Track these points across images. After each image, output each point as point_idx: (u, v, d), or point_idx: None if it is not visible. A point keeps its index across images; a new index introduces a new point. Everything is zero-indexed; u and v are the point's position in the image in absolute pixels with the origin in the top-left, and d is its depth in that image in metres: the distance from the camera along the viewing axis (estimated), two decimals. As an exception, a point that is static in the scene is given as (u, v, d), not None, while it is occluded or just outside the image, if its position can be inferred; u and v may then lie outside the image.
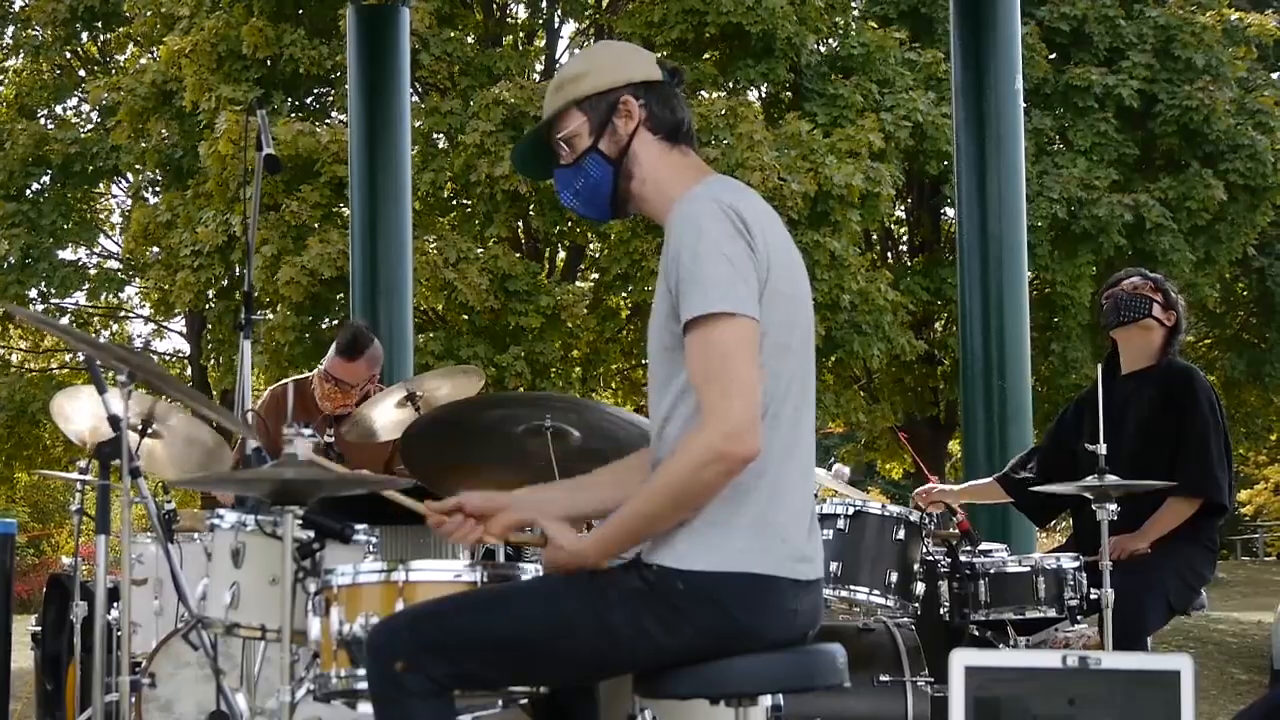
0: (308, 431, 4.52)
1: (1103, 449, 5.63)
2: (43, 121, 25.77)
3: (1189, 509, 6.18)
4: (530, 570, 4.01)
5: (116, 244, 27.62)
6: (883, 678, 5.54)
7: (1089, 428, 6.08)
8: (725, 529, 3.51)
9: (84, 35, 26.19)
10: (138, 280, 26.57)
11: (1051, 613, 5.91)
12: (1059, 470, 6.36)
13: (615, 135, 3.75)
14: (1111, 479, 5.56)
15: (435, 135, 20.52)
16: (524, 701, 4.08)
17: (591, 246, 22.72)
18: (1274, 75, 25.39)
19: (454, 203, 21.32)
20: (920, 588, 5.67)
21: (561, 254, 23.35)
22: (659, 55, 3.86)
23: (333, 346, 7.05)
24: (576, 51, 22.60)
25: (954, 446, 25.22)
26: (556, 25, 24.70)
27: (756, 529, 3.52)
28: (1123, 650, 5.66)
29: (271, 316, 19.35)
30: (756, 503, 3.53)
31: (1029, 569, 5.93)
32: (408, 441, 4.85)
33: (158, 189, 24.16)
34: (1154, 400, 6.36)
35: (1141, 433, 6.26)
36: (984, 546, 6.13)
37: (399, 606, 3.87)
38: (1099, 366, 6.35)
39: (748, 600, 3.51)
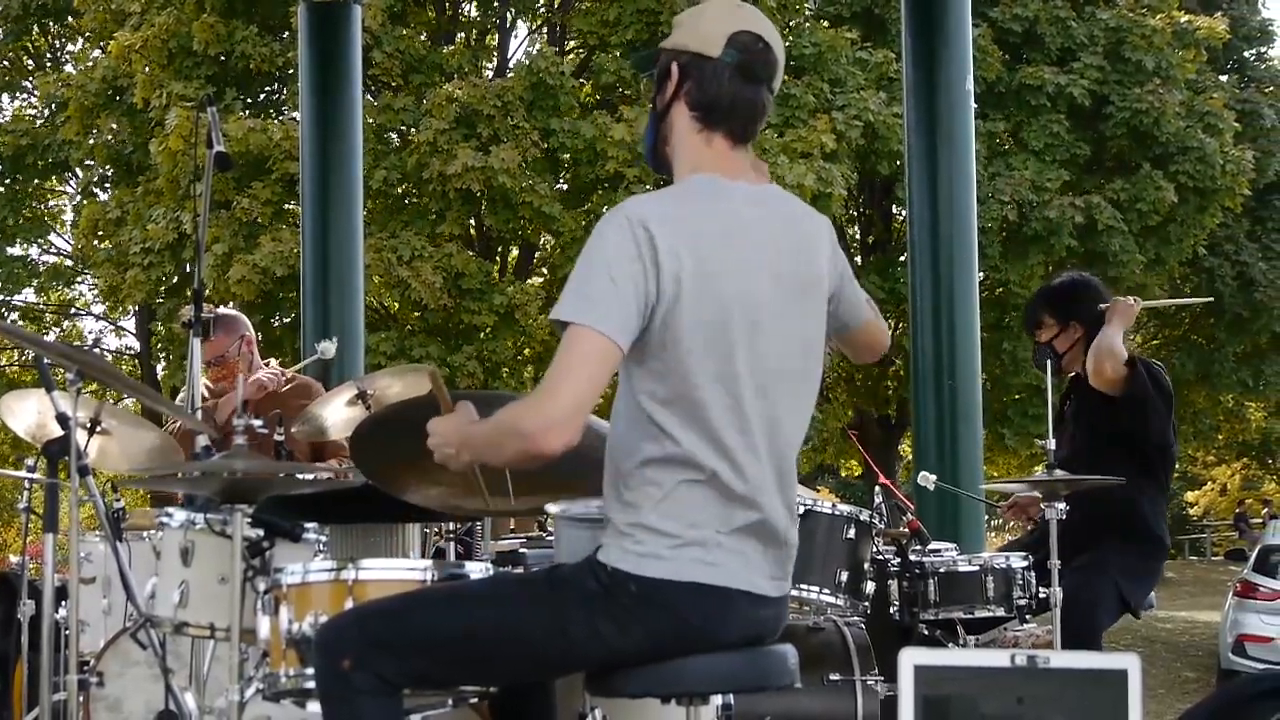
0: (258, 422, 4.50)
1: (1051, 444, 5.66)
2: (-8, 117, 25.66)
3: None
4: (480, 569, 4.00)
5: (66, 240, 27.48)
6: (833, 676, 5.54)
7: None
8: (682, 540, 3.48)
9: (35, 29, 26.03)
10: (88, 276, 26.45)
11: (1000, 612, 5.93)
12: None
13: (663, 96, 3.72)
14: (1060, 474, 5.61)
15: (387, 133, 20.47)
16: (474, 701, 4.08)
17: (545, 243, 22.71)
18: (1223, 78, 25.59)
19: (406, 201, 21.29)
20: (870, 587, 5.66)
21: (514, 252, 23.33)
22: (734, 34, 3.65)
23: None
24: (534, 51, 22.60)
25: (905, 447, 25.33)
26: (508, 24, 24.67)
27: (714, 545, 3.50)
28: (1076, 648, 5.70)
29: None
30: (715, 520, 3.50)
31: (978, 568, 5.95)
32: (358, 440, 4.83)
33: (108, 185, 24.04)
34: (1080, 414, 6.43)
35: (1070, 444, 6.32)
36: (934, 546, 6.15)
37: (348, 605, 3.85)
38: (1046, 369, 6.37)
39: (702, 608, 3.50)
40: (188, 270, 20.33)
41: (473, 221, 21.22)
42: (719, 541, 3.50)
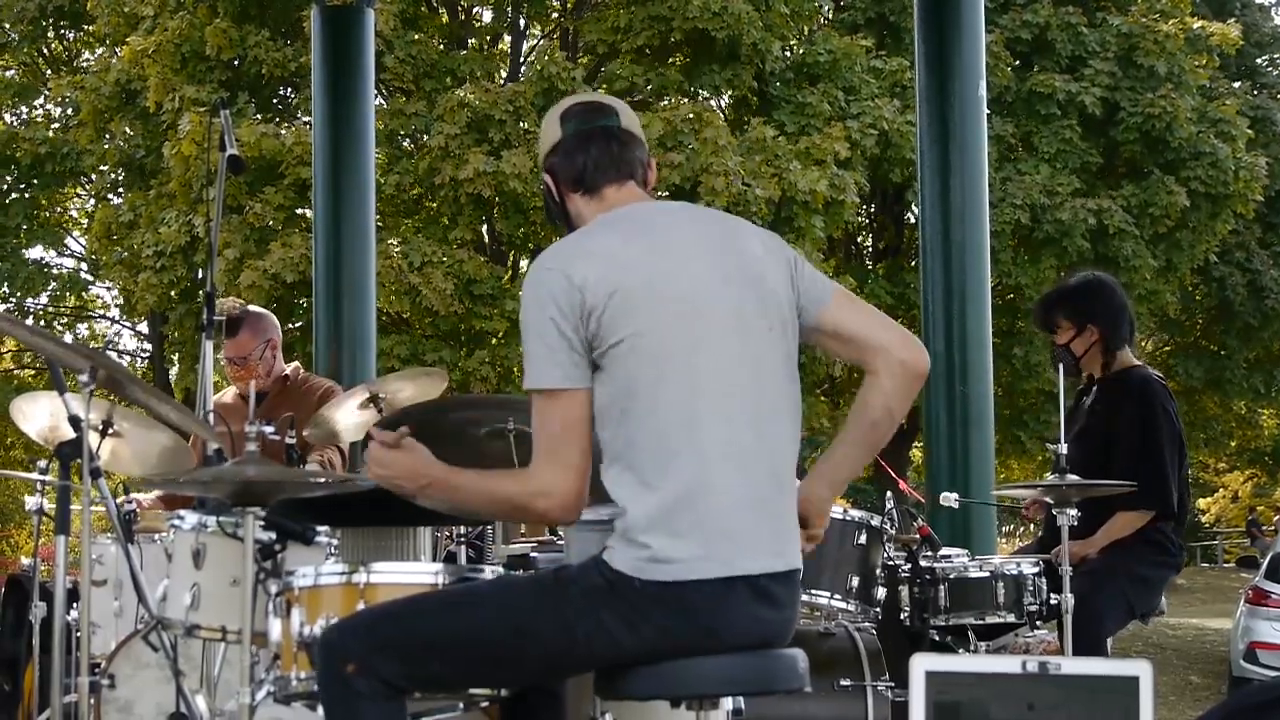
0: (269, 429, 4.50)
1: (1063, 448, 5.65)
2: (10, 121, 25.63)
3: (1140, 520, 6.20)
4: (490, 572, 4.01)
5: (81, 245, 27.51)
6: (843, 682, 5.54)
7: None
8: (676, 537, 3.51)
9: (50, 34, 26.05)
10: (102, 280, 26.49)
11: (1011, 618, 5.92)
12: None
13: (554, 200, 3.90)
14: (1072, 479, 5.59)
15: (400, 137, 20.47)
16: (484, 705, 4.08)
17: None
18: (1235, 84, 25.55)
19: (419, 205, 21.30)
20: (881, 592, 5.67)
21: (526, 258, 23.33)
22: (574, 100, 3.96)
23: None
24: (547, 56, 22.63)
25: (915, 452, 25.31)
26: (521, 29, 24.69)
27: (710, 540, 3.53)
28: (1082, 654, 5.68)
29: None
30: (704, 516, 3.54)
31: (989, 574, 5.94)
32: (370, 444, 4.83)
33: (120, 189, 24.05)
34: (1096, 409, 6.39)
35: (1081, 439, 6.28)
36: (944, 551, 6.14)
37: (360, 608, 3.86)
38: (1060, 369, 6.30)
39: (708, 602, 3.52)
40: (200, 274, 20.35)
41: (484, 227, 21.22)
42: (720, 535, 3.54)
